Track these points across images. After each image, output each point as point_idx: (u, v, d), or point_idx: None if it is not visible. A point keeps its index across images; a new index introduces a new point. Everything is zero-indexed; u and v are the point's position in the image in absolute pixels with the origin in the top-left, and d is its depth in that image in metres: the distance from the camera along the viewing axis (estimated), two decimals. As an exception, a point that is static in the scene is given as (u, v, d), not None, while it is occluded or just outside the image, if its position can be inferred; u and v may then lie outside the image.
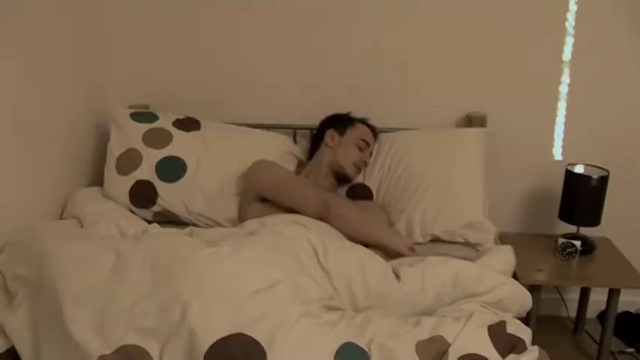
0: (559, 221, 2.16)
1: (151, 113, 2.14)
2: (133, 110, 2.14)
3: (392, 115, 2.23)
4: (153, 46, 2.27)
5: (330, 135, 2.08)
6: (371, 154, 2.11)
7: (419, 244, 1.93)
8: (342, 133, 2.07)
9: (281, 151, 2.13)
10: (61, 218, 1.92)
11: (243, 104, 2.30)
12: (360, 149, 2.06)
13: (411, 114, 2.25)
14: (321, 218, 1.78)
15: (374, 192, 2.09)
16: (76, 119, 2.07)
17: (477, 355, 1.23)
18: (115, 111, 2.10)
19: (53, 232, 1.64)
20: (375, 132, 2.13)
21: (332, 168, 2.04)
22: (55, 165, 1.94)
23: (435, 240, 1.97)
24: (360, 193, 2.09)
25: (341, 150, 2.04)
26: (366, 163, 2.08)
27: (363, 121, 2.12)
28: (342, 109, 2.14)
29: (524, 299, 1.52)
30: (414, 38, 2.21)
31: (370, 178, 2.10)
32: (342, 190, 2.11)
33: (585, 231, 2.15)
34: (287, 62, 2.25)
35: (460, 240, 1.94)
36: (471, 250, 1.92)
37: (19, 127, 1.73)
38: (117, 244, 1.46)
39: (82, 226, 1.82)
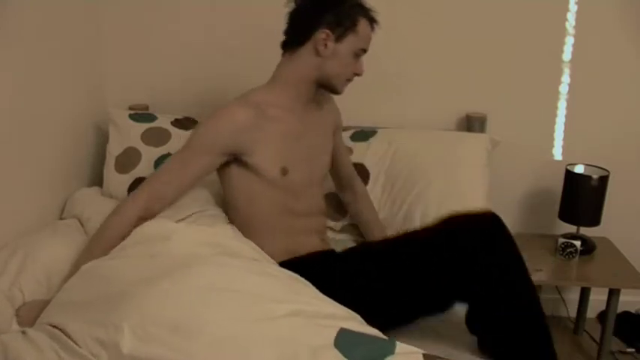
0: (559, 221, 2.16)
1: (150, 114, 2.14)
2: (131, 111, 2.14)
3: (391, 114, 2.23)
4: (152, 47, 2.26)
5: (324, 38, 1.51)
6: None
7: None
8: (340, 38, 1.53)
9: None
10: (61, 218, 1.92)
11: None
12: (356, 57, 1.59)
13: (411, 113, 2.24)
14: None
15: (371, 177, 2.04)
16: (76, 120, 2.07)
17: None
18: (113, 112, 2.10)
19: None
20: (374, 26, 1.60)
21: (317, 83, 1.60)
22: (54, 165, 1.94)
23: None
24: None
25: (334, 62, 1.55)
26: (359, 75, 1.62)
27: (367, 13, 1.57)
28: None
29: None
30: (413, 37, 2.21)
31: (368, 167, 2.05)
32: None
33: (585, 231, 2.15)
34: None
35: None
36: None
37: (18, 127, 1.72)
38: None
39: (82, 226, 1.83)
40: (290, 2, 1.59)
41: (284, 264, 1.51)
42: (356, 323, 1.24)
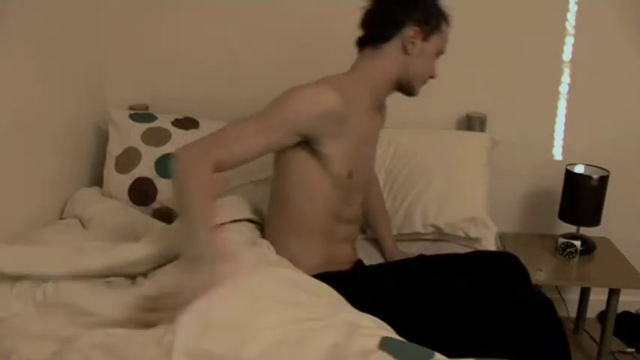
0: (559, 221, 2.16)
1: (150, 114, 2.15)
2: (131, 111, 2.15)
3: (391, 114, 2.22)
4: (152, 47, 2.26)
5: (413, 36, 1.47)
6: None
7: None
8: (427, 37, 1.49)
9: None
10: (61, 218, 1.92)
11: (244, 106, 2.30)
12: (436, 58, 1.57)
13: (411, 113, 2.24)
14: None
15: None
16: (76, 120, 2.07)
17: None
18: (113, 112, 2.10)
19: None
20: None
21: (397, 83, 1.55)
22: (55, 165, 1.94)
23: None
24: None
25: (419, 61, 1.51)
26: (433, 78, 1.60)
27: (446, 15, 1.54)
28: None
29: None
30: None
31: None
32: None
33: (585, 231, 2.15)
34: (286, 62, 2.25)
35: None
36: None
37: (19, 127, 1.73)
38: None
39: (83, 226, 1.83)
40: None
41: (318, 277, 1.40)
42: (394, 335, 1.22)
